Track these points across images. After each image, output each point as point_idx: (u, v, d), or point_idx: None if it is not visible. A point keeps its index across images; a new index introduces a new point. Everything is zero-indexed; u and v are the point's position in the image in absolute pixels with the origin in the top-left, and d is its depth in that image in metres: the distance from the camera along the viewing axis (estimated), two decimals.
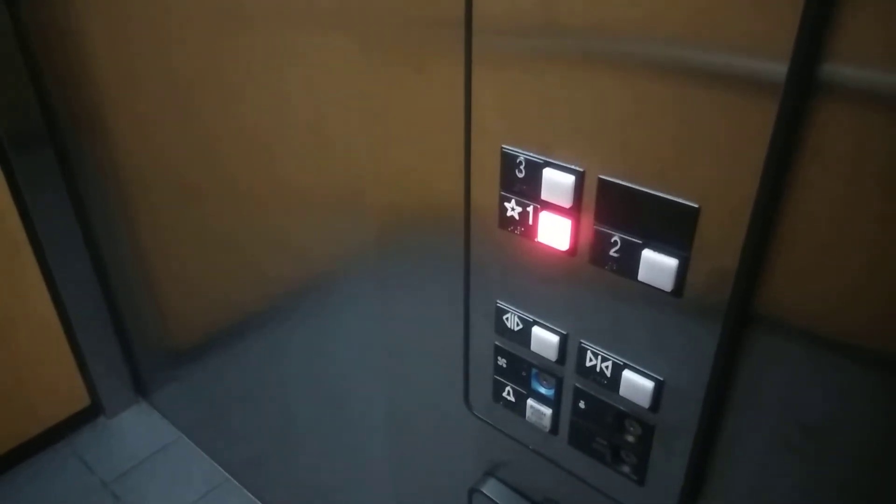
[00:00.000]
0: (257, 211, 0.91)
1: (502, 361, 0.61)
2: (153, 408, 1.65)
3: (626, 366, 0.51)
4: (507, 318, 0.58)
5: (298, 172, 0.81)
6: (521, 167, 0.50)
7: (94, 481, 1.48)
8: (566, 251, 0.50)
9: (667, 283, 0.45)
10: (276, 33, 0.71)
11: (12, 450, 1.49)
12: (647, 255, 0.45)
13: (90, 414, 1.61)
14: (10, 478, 1.48)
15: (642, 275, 0.46)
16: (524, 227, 0.52)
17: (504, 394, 0.62)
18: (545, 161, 0.49)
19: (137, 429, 1.60)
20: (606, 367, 0.52)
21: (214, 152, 0.93)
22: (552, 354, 0.56)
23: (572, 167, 0.47)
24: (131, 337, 1.55)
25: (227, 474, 1.47)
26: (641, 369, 0.50)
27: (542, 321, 0.56)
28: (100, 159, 1.22)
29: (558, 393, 0.57)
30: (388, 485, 0.96)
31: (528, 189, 0.50)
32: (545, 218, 0.50)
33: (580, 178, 0.47)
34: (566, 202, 0.48)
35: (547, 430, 0.60)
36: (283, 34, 0.71)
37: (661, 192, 0.43)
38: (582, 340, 0.53)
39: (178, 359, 1.41)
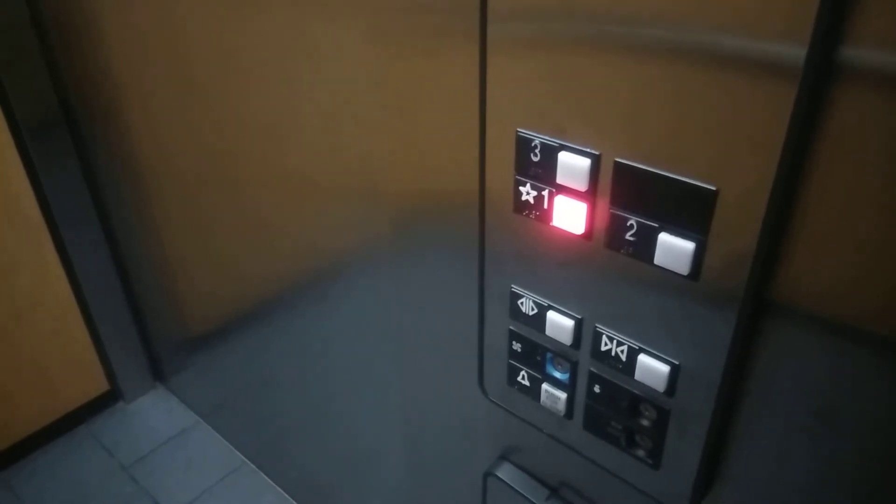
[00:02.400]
0: (272, 197, 0.92)
1: (517, 346, 0.61)
2: (171, 393, 1.67)
3: (641, 350, 0.51)
4: (521, 303, 0.58)
5: (312, 159, 0.81)
6: (537, 151, 0.50)
7: (113, 465, 1.50)
8: (581, 235, 0.50)
9: (683, 267, 0.45)
10: (289, 20, 0.71)
11: (32, 434, 1.51)
12: (664, 238, 0.45)
13: (109, 399, 1.63)
14: (30, 462, 1.50)
15: (658, 259, 0.46)
16: (539, 212, 0.52)
17: (519, 378, 0.62)
18: (560, 144, 0.48)
19: (156, 413, 1.62)
20: (622, 352, 0.52)
21: (228, 138, 0.93)
22: (567, 339, 0.56)
23: (588, 150, 0.47)
24: (149, 322, 1.56)
25: (244, 458, 1.49)
26: (657, 353, 0.50)
27: (557, 306, 0.56)
28: (116, 146, 1.23)
29: (573, 377, 0.57)
30: (403, 468, 0.97)
31: (544, 173, 0.50)
32: (560, 202, 0.50)
33: (596, 162, 0.47)
34: (582, 186, 0.48)
35: (562, 414, 0.60)
36: (295, 21, 0.71)
37: (679, 174, 0.43)
38: (597, 325, 0.53)
39: (196, 344, 1.43)
